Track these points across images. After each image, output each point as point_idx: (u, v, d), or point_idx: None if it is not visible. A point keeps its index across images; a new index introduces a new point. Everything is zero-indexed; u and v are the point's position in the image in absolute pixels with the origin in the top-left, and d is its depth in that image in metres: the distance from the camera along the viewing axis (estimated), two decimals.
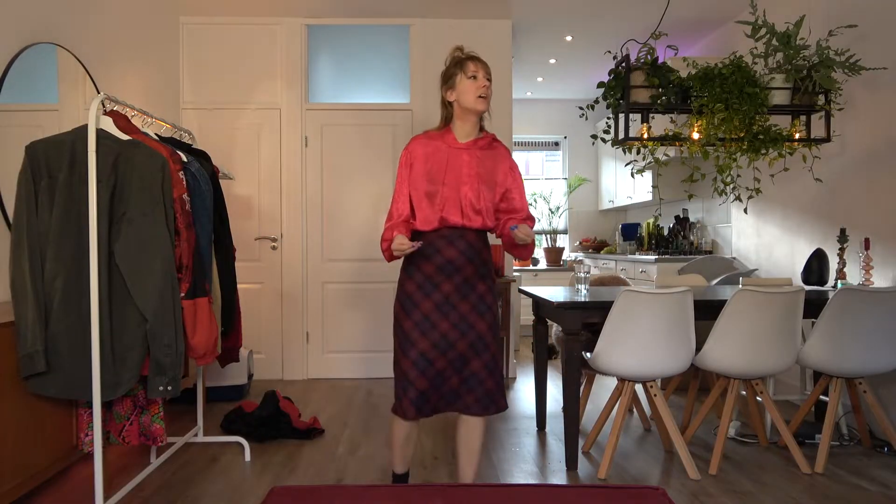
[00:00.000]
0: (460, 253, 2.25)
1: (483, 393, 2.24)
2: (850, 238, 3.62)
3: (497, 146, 2.39)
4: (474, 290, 2.27)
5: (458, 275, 2.25)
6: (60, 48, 3.13)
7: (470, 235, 2.27)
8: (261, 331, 4.92)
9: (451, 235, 2.25)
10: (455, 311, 2.24)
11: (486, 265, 2.32)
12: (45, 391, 2.37)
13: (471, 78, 2.28)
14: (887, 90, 3.47)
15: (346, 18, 4.97)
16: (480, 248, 2.30)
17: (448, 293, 2.24)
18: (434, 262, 2.25)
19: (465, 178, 2.26)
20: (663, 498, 1.51)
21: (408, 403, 2.22)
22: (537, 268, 7.42)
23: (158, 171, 2.40)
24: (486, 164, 2.31)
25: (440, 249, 2.25)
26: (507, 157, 2.39)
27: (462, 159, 2.29)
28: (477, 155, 2.31)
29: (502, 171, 2.35)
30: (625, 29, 4.94)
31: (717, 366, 3.00)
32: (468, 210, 2.24)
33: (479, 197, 2.25)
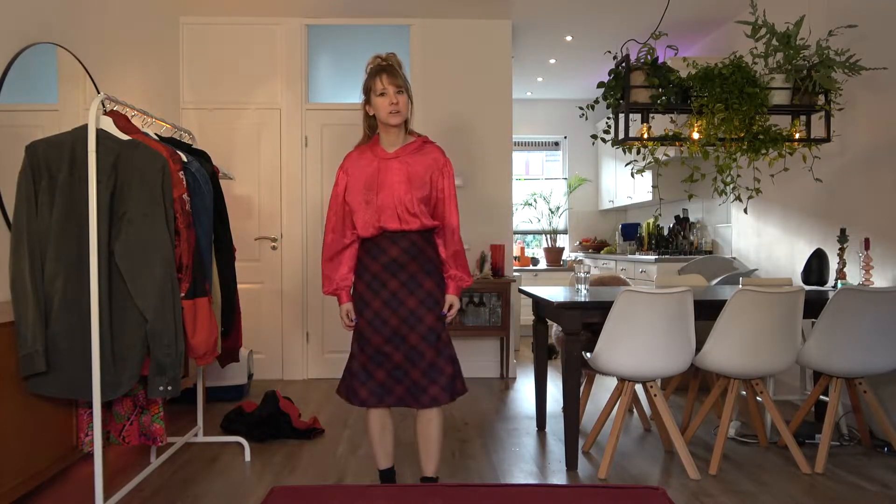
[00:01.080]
0: (403, 251, 2.34)
1: (446, 381, 2.34)
2: (850, 238, 3.62)
3: (428, 149, 2.42)
4: (421, 286, 2.35)
5: (403, 272, 2.35)
6: (60, 48, 3.13)
7: (412, 235, 2.35)
8: (261, 331, 4.92)
9: (393, 236, 2.35)
10: (403, 307, 2.34)
11: (431, 262, 2.39)
12: (45, 391, 2.37)
13: (380, 95, 2.32)
14: (887, 90, 3.47)
15: (346, 18, 4.97)
16: (423, 246, 2.38)
17: (395, 290, 2.34)
18: (380, 262, 2.36)
19: (396, 185, 2.33)
20: (663, 498, 1.51)
21: (367, 393, 2.36)
22: (537, 268, 7.42)
23: (158, 172, 2.40)
24: (416, 168, 2.36)
25: (385, 249, 2.35)
26: (439, 157, 2.42)
27: (392, 168, 2.36)
28: (407, 161, 2.37)
29: (433, 172, 2.39)
30: (625, 29, 4.94)
31: (717, 366, 3.00)
32: (404, 215, 2.32)
33: (413, 201, 2.32)
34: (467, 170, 4.99)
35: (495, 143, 5.06)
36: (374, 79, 2.34)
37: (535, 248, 8.00)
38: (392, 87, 2.31)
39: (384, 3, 4.72)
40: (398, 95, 2.31)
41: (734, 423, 3.51)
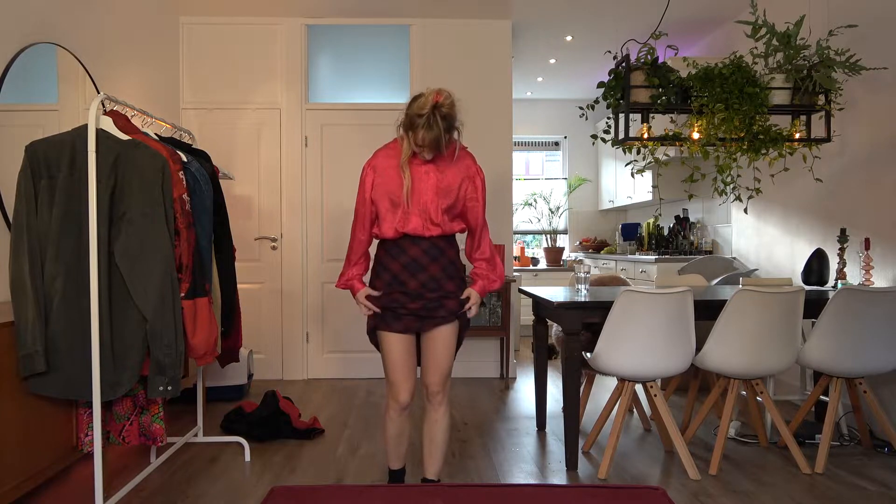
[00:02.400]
0: (423, 252, 2.32)
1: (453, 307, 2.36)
2: (850, 238, 3.62)
3: (462, 156, 2.38)
4: (442, 287, 2.34)
5: (424, 273, 2.32)
6: (60, 48, 3.13)
7: (434, 237, 2.33)
8: (261, 331, 4.92)
9: (414, 237, 2.33)
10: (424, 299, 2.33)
11: (453, 264, 2.38)
12: (45, 391, 2.37)
13: (417, 146, 2.25)
14: (887, 90, 3.47)
15: (346, 18, 4.97)
16: (445, 247, 2.36)
17: (414, 290, 2.33)
18: (400, 262, 2.34)
19: (425, 192, 2.30)
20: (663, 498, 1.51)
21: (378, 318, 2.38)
22: (537, 268, 7.42)
23: (158, 172, 2.40)
24: (448, 177, 2.32)
25: (405, 249, 2.33)
26: (471, 165, 2.39)
27: (422, 174, 2.31)
28: (440, 168, 2.32)
29: (463, 181, 2.36)
30: (625, 29, 4.94)
31: (717, 366, 3.00)
32: (427, 224, 2.31)
33: (438, 210, 2.30)
34: None
35: (495, 144, 5.06)
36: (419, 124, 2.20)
37: (535, 248, 7.99)
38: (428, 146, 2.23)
39: (384, 3, 4.72)
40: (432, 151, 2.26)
41: (734, 423, 3.51)
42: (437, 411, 2.45)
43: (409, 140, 2.26)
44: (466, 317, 2.43)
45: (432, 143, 2.21)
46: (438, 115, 2.18)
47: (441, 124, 2.18)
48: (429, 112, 2.17)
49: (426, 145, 2.22)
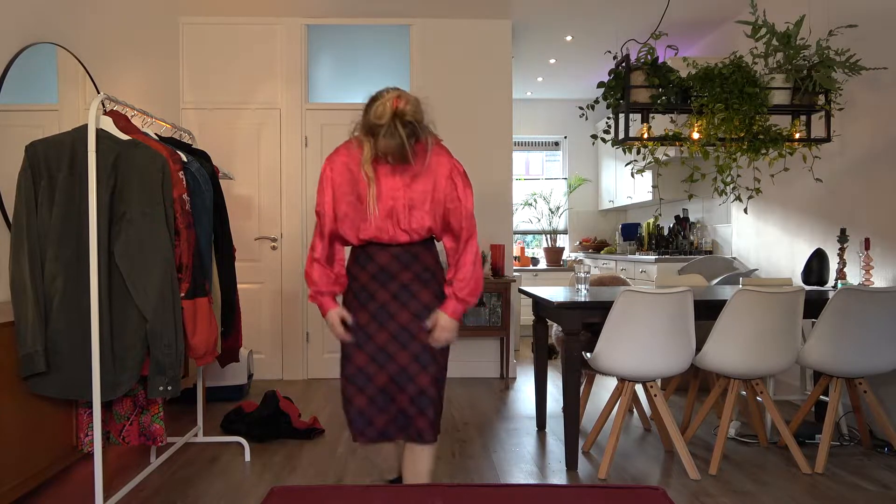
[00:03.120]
0: (394, 258, 2.06)
1: (434, 415, 2.04)
2: (850, 238, 3.62)
3: (435, 153, 2.08)
4: (415, 297, 2.06)
5: (394, 282, 2.06)
6: (60, 48, 3.13)
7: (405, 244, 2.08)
8: (261, 331, 4.93)
9: (384, 244, 2.08)
10: (393, 322, 2.05)
11: (428, 270, 2.10)
12: (45, 391, 2.37)
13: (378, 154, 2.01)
14: (887, 90, 3.47)
15: (346, 18, 4.97)
16: (419, 251, 2.09)
17: (384, 302, 2.06)
18: (368, 270, 2.08)
19: (389, 198, 2.04)
20: (663, 498, 1.51)
21: (348, 423, 2.08)
22: (537, 268, 7.42)
23: (158, 172, 2.40)
24: (421, 180, 2.05)
25: (373, 256, 2.08)
26: (445, 162, 2.08)
27: (387, 179, 2.05)
28: (404, 170, 2.05)
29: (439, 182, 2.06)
30: (625, 29, 4.94)
31: (717, 366, 2.99)
32: (396, 229, 2.05)
33: (408, 217, 2.04)
34: (467, 169, 4.95)
35: (495, 144, 5.06)
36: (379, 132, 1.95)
37: (535, 248, 7.99)
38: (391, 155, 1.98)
39: (384, 3, 4.72)
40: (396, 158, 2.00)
41: (734, 423, 3.51)
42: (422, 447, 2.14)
43: (369, 144, 2.01)
44: None
45: (395, 151, 1.96)
46: (400, 123, 1.92)
47: (403, 132, 1.92)
48: (388, 122, 1.92)
49: (388, 154, 1.98)
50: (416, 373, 2.04)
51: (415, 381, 2.04)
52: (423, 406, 2.04)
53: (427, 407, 2.04)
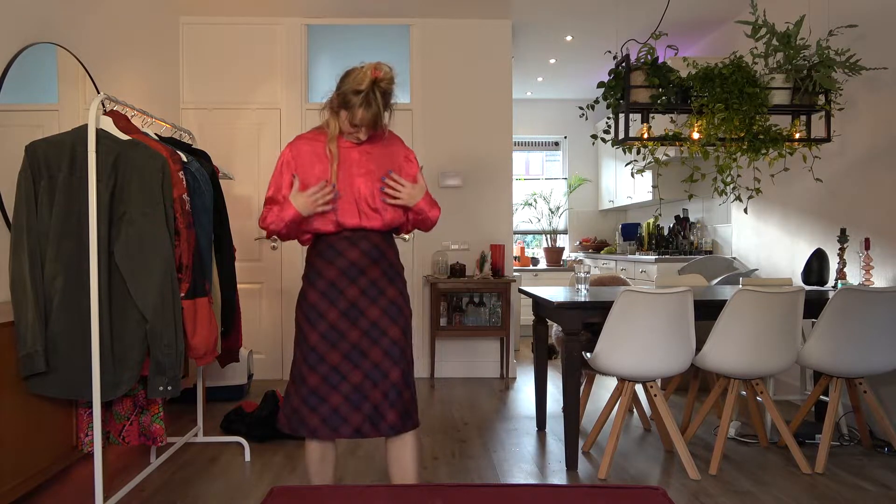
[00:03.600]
0: (363, 254, 2.08)
1: (402, 407, 2.07)
2: (850, 238, 3.62)
3: (391, 139, 2.19)
4: (383, 293, 2.11)
5: (364, 277, 2.09)
6: (60, 48, 3.13)
7: (373, 236, 2.10)
8: (261, 331, 4.93)
9: (352, 237, 2.08)
10: (364, 318, 2.08)
11: (393, 267, 2.16)
12: (45, 391, 2.37)
13: (352, 125, 2.04)
14: (887, 90, 3.47)
15: (346, 18, 4.97)
16: (385, 248, 2.14)
17: (354, 298, 2.07)
18: (337, 266, 2.08)
19: (356, 175, 2.08)
20: (663, 498, 1.51)
21: (318, 421, 2.05)
22: (537, 268, 7.42)
23: (158, 171, 2.40)
24: (380, 159, 2.12)
25: (342, 251, 2.08)
26: (402, 147, 2.21)
27: (352, 157, 2.10)
28: (367, 150, 2.12)
29: (397, 162, 2.16)
30: (625, 29, 4.94)
31: (717, 366, 2.99)
32: (365, 208, 2.07)
33: (375, 194, 2.08)
34: (467, 170, 4.99)
35: (495, 143, 5.06)
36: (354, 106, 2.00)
37: (535, 248, 8.00)
38: (366, 125, 2.04)
39: (384, 3, 4.72)
40: (368, 130, 2.07)
41: (734, 423, 3.51)
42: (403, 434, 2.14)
43: (338, 120, 2.07)
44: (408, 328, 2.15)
45: (371, 121, 2.01)
46: (378, 91, 1.99)
47: (380, 101, 2.00)
48: (368, 88, 1.97)
49: (364, 124, 2.02)
50: (388, 368, 2.07)
51: (388, 376, 2.07)
52: (392, 400, 2.06)
53: (396, 400, 2.07)
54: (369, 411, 2.06)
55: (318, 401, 2.06)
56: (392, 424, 2.06)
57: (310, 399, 2.06)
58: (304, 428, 2.07)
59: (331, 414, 2.06)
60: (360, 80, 1.98)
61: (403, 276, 2.22)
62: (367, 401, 2.07)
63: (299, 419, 2.07)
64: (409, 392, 2.12)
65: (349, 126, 2.05)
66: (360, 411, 2.06)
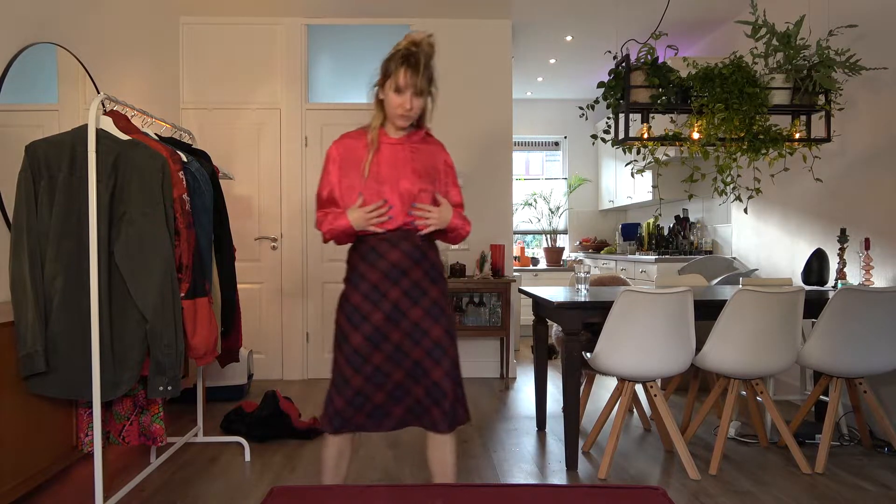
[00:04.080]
0: (405, 255, 2.08)
1: (449, 406, 2.07)
2: (850, 238, 3.62)
3: (431, 140, 2.21)
4: (426, 294, 2.10)
5: (406, 279, 2.08)
6: (60, 48, 3.13)
7: (414, 237, 2.10)
8: (261, 331, 4.92)
9: (392, 238, 2.08)
10: (406, 319, 2.07)
11: (435, 268, 2.14)
12: (45, 391, 2.37)
13: (395, 91, 2.04)
14: (887, 90, 3.47)
15: (346, 18, 4.97)
16: (427, 248, 2.13)
17: (396, 300, 2.07)
18: (379, 269, 2.08)
19: (402, 174, 2.09)
20: (663, 498, 1.51)
21: (363, 418, 2.08)
22: (537, 268, 7.42)
23: (158, 171, 2.40)
24: (423, 159, 2.14)
25: (384, 254, 2.08)
26: (442, 150, 2.22)
27: (397, 156, 2.11)
28: (412, 149, 2.13)
29: (439, 166, 2.19)
30: (625, 29, 4.94)
31: (717, 366, 2.99)
32: (408, 203, 2.08)
33: (420, 193, 2.09)
34: (467, 170, 4.99)
35: (495, 143, 5.06)
36: (396, 69, 2.03)
37: (535, 248, 7.99)
38: (411, 89, 2.02)
39: (384, 3, 4.72)
40: (415, 98, 2.04)
41: (734, 423, 3.51)
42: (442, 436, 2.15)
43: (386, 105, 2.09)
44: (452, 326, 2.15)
45: (414, 83, 2.00)
46: (419, 52, 2.01)
47: (422, 62, 2.01)
48: (407, 45, 2.02)
49: (409, 86, 2.01)
50: (430, 367, 2.08)
51: (429, 374, 2.08)
52: (437, 398, 2.07)
53: (441, 399, 2.07)
54: (411, 404, 2.10)
55: (363, 400, 2.08)
56: (434, 421, 2.09)
57: (355, 400, 2.07)
58: (350, 426, 2.09)
59: (374, 409, 2.09)
60: (399, 44, 2.03)
61: (445, 278, 2.20)
62: (409, 395, 2.10)
63: (344, 419, 2.08)
64: (455, 391, 2.10)
65: (395, 102, 2.04)
66: (402, 404, 2.10)
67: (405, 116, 2.07)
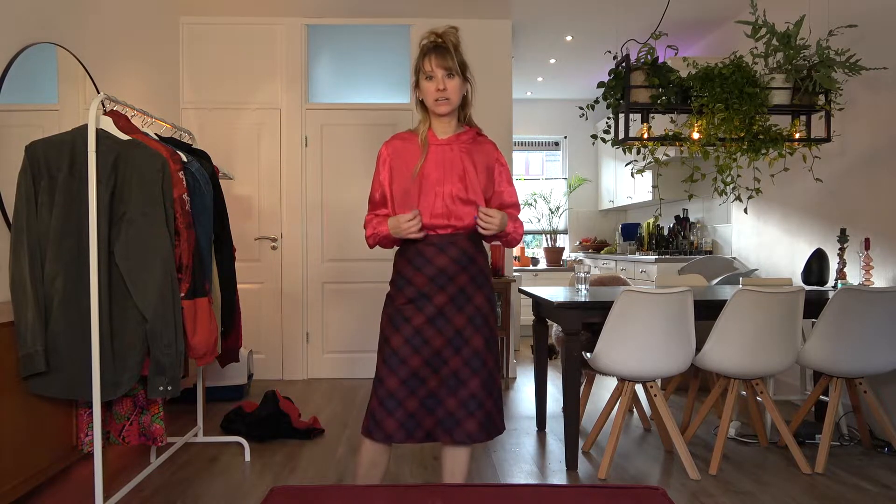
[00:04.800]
0: (452, 261, 2.05)
1: (484, 416, 2.03)
2: (850, 238, 3.62)
3: (482, 140, 2.19)
4: (471, 301, 2.07)
5: (453, 285, 2.05)
6: (60, 48, 3.13)
7: (462, 241, 2.06)
8: (261, 331, 4.92)
9: (440, 243, 2.05)
10: (450, 326, 2.04)
11: (482, 273, 2.11)
12: (45, 391, 2.37)
13: (427, 79, 2.04)
14: (887, 90, 3.47)
15: (346, 18, 4.97)
16: (474, 254, 2.09)
17: (442, 305, 2.04)
18: (426, 274, 2.05)
19: (450, 174, 2.06)
20: (663, 498, 1.51)
21: (395, 425, 2.02)
22: (537, 268, 7.42)
23: (158, 172, 2.40)
24: (474, 158, 2.11)
25: (431, 259, 2.05)
26: (494, 150, 2.20)
27: (446, 156, 2.08)
28: (461, 149, 2.10)
29: (491, 165, 2.15)
30: (625, 29, 4.94)
31: (717, 366, 2.99)
32: (458, 208, 2.04)
33: (468, 189, 2.05)
34: None
35: (495, 143, 5.05)
36: (422, 59, 2.04)
37: (535, 248, 8.00)
38: (441, 71, 2.00)
39: (384, 3, 4.71)
40: (447, 80, 2.01)
41: (734, 423, 3.51)
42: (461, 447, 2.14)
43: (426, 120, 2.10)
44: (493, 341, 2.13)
45: (440, 64, 1.99)
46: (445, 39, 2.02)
47: (450, 46, 2.00)
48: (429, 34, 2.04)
49: (439, 68, 2.00)
50: (468, 377, 2.03)
51: (466, 385, 2.03)
52: (472, 409, 2.03)
53: (476, 409, 2.03)
54: (443, 416, 2.04)
55: (395, 405, 2.02)
56: (470, 433, 2.03)
57: (387, 402, 2.03)
58: (380, 432, 2.03)
59: (406, 418, 2.03)
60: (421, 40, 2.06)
61: (492, 284, 2.17)
62: (441, 406, 2.04)
63: (375, 422, 2.04)
64: (492, 401, 2.07)
65: (429, 89, 2.03)
66: (434, 416, 2.04)
67: (442, 101, 2.03)
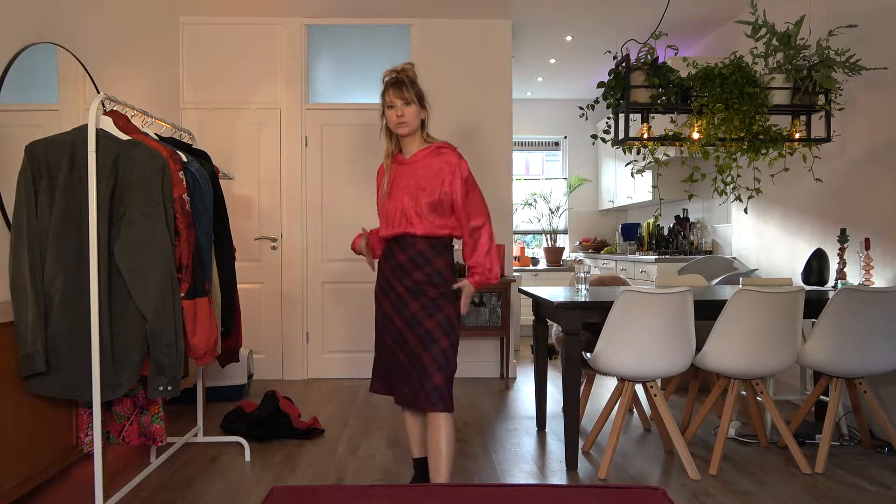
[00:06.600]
0: (409, 258, 2.41)
1: (431, 388, 2.32)
2: (850, 238, 3.62)
3: (443, 151, 2.46)
4: (424, 293, 2.40)
5: (408, 278, 2.41)
6: (60, 48, 3.13)
7: (420, 244, 2.40)
8: (261, 331, 4.92)
9: (404, 243, 2.42)
10: (407, 310, 2.41)
11: (439, 274, 2.41)
12: (45, 391, 2.37)
13: (389, 108, 2.42)
14: (887, 90, 3.47)
15: (346, 18, 4.97)
16: (432, 256, 2.41)
17: (401, 293, 2.42)
18: (390, 265, 2.46)
19: (404, 188, 2.41)
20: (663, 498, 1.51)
21: (379, 385, 2.55)
22: (537, 268, 7.42)
23: (158, 172, 2.40)
24: (426, 171, 2.41)
25: (395, 254, 2.45)
26: (451, 159, 2.44)
27: (405, 172, 2.45)
28: (419, 164, 2.44)
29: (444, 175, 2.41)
30: (625, 29, 4.94)
31: (717, 366, 2.99)
32: (412, 217, 2.38)
33: (417, 201, 2.37)
34: None
35: (495, 143, 5.06)
36: (385, 92, 2.42)
37: (535, 248, 7.99)
38: (399, 101, 2.38)
39: (384, 3, 4.72)
40: (405, 108, 2.39)
41: (734, 423, 3.51)
42: (437, 416, 2.36)
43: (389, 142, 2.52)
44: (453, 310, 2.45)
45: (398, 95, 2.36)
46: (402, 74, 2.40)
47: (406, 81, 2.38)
48: (389, 72, 2.43)
49: (396, 99, 2.37)
50: (420, 353, 2.37)
51: (420, 359, 2.37)
52: (423, 381, 2.35)
53: (426, 381, 2.34)
54: (413, 386, 2.40)
55: (380, 372, 2.54)
56: (420, 401, 2.35)
57: (376, 368, 2.56)
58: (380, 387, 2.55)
59: (387, 381, 2.53)
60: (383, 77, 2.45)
61: (450, 285, 2.43)
62: (410, 379, 2.41)
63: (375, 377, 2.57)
64: (441, 376, 2.34)
65: (390, 116, 2.41)
66: (407, 384, 2.42)
67: (400, 124, 2.41)
